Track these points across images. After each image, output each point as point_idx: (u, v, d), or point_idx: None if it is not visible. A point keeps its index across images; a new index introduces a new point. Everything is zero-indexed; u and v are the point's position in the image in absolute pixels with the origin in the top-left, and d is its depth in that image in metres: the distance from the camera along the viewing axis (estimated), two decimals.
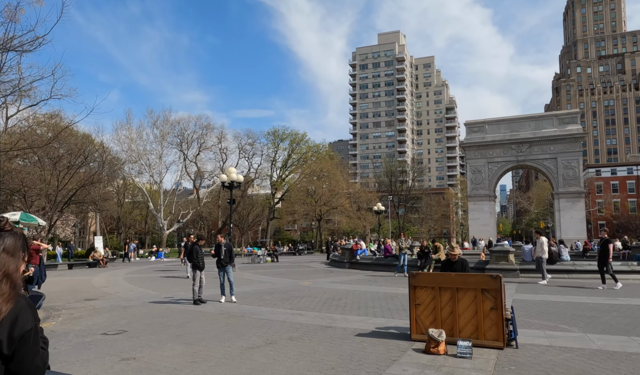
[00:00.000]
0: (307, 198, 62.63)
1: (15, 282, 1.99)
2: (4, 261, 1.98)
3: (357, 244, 24.86)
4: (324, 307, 11.07)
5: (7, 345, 1.81)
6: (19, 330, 1.84)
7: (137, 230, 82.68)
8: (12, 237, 2.05)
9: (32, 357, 1.90)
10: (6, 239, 2.02)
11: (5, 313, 1.83)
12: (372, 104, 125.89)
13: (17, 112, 32.28)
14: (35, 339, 1.91)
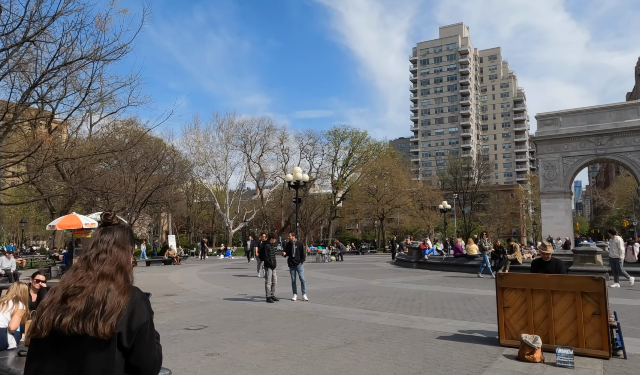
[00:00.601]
0: (368, 197, 62.02)
1: (128, 275, 1.98)
2: (117, 254, 1.98)
3: (425, 243, 24.14)
4: (398, 308, 10.77)
5: (126, 337, 1.79)
6: (137, 322, 1.82)
7: (205, 230, 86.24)
8: (120, 230, 2.04)
9: (149, 350, 1.87)
10: (115, 233, 2.01)
11: (124, 306, 1.81)
12: (434, 99, 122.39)
13: (99, 120, 34.88)
14: (151, 331, 1.88)
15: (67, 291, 1.80)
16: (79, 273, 1.87)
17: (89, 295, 1.79)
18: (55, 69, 10.62)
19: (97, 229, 2.05)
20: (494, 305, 10.75)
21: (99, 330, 1.72)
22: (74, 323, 1.72)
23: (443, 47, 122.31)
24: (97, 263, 1.88)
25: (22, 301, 5.74)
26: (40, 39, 8.75)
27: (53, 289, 1.88)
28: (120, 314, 1.77)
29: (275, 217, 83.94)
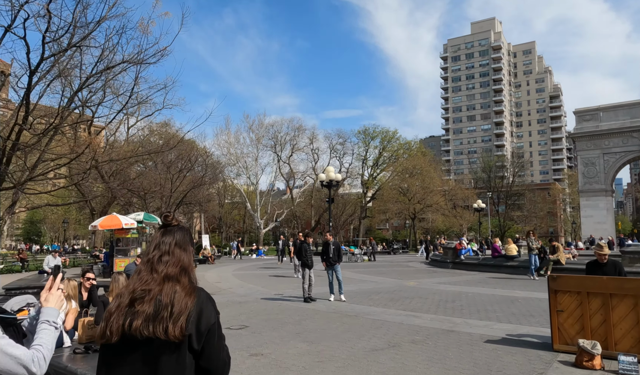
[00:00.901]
0: (399, 196, 61.32)
1: (192, 275, 1.93)
2: (179, 255, 1.93)
3: (461, 243, 23.62)
4: (439, 310, 10.52)
5: (196, 339, 1.74)
6: (205, 323, 1.76)
7: (236, 229, 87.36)
8: (181, 231, 1.99)
9: (219, 352, 1.82)
10: (176, 234, 1.96)
11: (191, 307, 1.76)
12: (466, 96, 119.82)
13: (136, 122, 35.85)
14: (219, 332, 1.83)
15: (134, 295, 1.77)
16: (144, 276, 1.83)
17: (156, 297, 1.75)
18: (98, 73, 10.90)
19: (157, 231, 2.01)
20: (539, 307, 10.39)
21: (169, 333, 1.68)
22: (145, 326, 1.69)
23: (475, 42, 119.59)
24: (160, 265, 1.84)
25: (73, 298, 5.83)
26: (85, 44, 9.01)
27: (119, 294, 1.85)
28: (189, 316, 1.73)
29: (305, 217, 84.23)
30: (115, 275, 5.75)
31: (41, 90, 10.00)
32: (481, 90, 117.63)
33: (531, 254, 16.98)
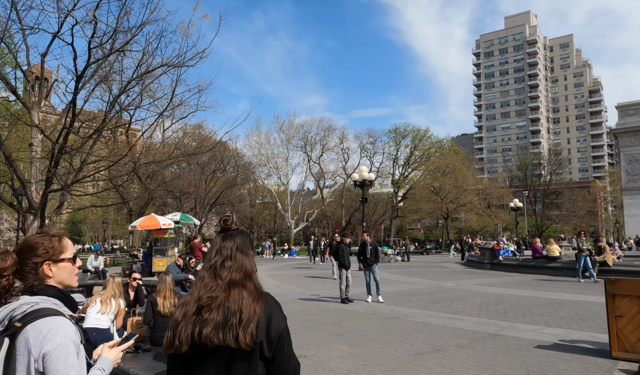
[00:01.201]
0: (432, 195, 60.32)
1: (256, 280, 1.86)
2: (241, 260, 1.86)
3: (499, 244, 22.95)
4: (482, 312, 10.20)
5: (267, 346, 1.67)
6: (275, 330, 1.69)
7: (267, 229, 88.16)
8: (241, 235, 1.92)
9: (289, 360, 1.74)
10: (237, 238, 1.89)
11: (260, 312, 1.68)
12: (500, 93, 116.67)
13: (171, 125, 36.68)
14: (288, 338, 1.76)
15: (200, 303, 1.72)
16: (208, 283, 1.78)
17: (224, 304, 1.69)
18: (137, 77, 11.12)
19: (218, 236, 1.95)
20: (589, 311, 9.93)
21: (240, 341, 1.62)
22: (214, 334, 1.64)
23: (509, 37, 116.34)
24: (224, 271, 1.78)
25: (119, 296, 5.90)
26: (127, 49, 9.21)
27: (184, 302, 1.80)
28: (258, 322, 1.67)
29: (335, 217, 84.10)
30: (162, 276, 5.81)
31: (86, 94, 10.30)
32: (516, 86, 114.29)
33: (581, 255, 16.22)
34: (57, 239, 1.87)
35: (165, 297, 5.62)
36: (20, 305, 1.75)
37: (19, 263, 1.80)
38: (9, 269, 1.77)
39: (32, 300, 1.77)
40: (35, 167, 10.30)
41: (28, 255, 1.81)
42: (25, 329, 1.65)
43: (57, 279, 1.86)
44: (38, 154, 10.30)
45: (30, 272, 1.80)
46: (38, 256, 1.82)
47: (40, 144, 10.47)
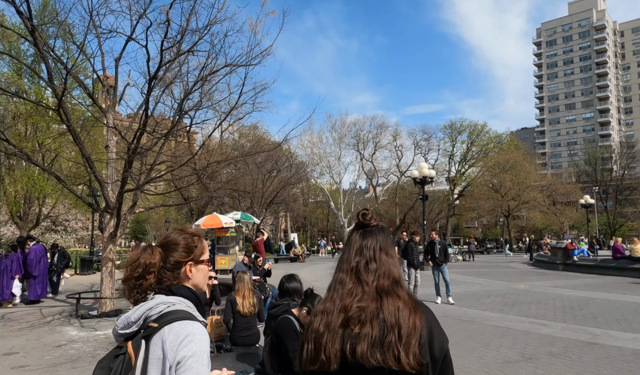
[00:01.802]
0: (491, 193, 57.84)
1: (406, 288, 1.57)
2: (386, 263, 1.56)
3: (573, 243, 21.42)
4: (568, 317, 9.40)
5: (432, 368, 1.37)
6: (439, 348, 1.39)
7: (320, 228, 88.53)
8: (383, 233, 1.61)
9: None
10: (378, 236, 1.58)
11: (420, 327, 1.38)
12: (564, 83, 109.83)
13: (228, 126, 37.60)
14: (451, 359, 1.46)
15: (348, 313, 1.44)
16: (352, 289, 1.50)
17: (377, 317, 1.41)
18: (202, 78, 11.25)
19: (355, 233, 1.67)
20: None
21: (402, 361, 1.33)
22: (372, 354, 1.36)
23: (574, 24, 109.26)
24: (369, 275, 1.50)
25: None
26: (197, 49, 9.33)
27: (323, 311, 1.53)
28: (420, 339, 1.37)
29: (389, 215, 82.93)
30: (240, 275, 5.72)
31: (157, 95, 10.56)
32: (582, 76, 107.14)
33: None
34: (198, 238, 1.74)
35: (244, 296, 5.52)
36: (156, 304, 1.61)
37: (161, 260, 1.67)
38: (156, 265, 1.65)
39: (169, 300, 1.62)
40: (112, 168, 10.71)
41: (172, 252, 1.68)
42: (162, 330, 1.51)
43: (194, 281, 1.72)
44: (114, 156, 10.70)
45: (171, 270, 1.67)
46: (182, 255, 1.68)
47: (115, 146, 10.87)
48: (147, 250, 1.65)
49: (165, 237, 1.74)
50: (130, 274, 1.62)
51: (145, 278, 1.61)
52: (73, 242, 47.12)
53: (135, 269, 1.62)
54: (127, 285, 1.64)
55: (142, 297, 1.63)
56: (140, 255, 1.63)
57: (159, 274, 1.66)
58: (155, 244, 1.73)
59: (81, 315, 10.13)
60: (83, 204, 30.08)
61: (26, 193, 26.91)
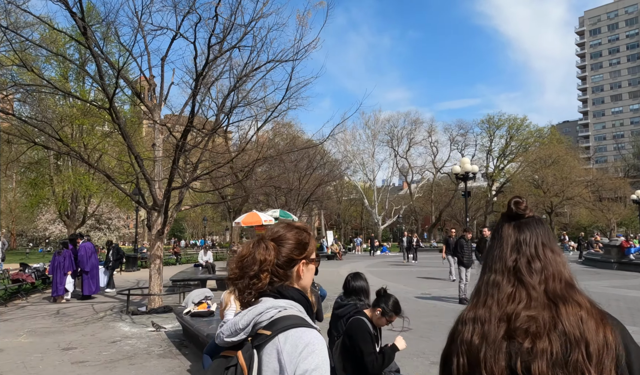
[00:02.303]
0: (532, 189, 55.82)
1: (582, 292, 1.29)
2: (553, 261, 1.26)
3: (629, 241, 20.25)
4: (637, 320, 8.78)
5: None
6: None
7: (353, 226, 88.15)
8: (542, 226, 1.34)
9: None
10: (537, 229, 1.31)
11: (613, 343, 1.11)
12: (609, 74, 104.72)
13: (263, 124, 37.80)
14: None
15: (514, 324, 1.19)
16: (512, 293, 1.24)
17: (555, 329, 1.15)
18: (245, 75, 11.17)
19: (506, 225, 1.39)
20: None
21: None
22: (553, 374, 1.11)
23: (620, 11, 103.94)
24: (533, 276, 1.24)
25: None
26: (242, 45, 9.25)
27: (476, 318, 1.25)
28: (617, 358, 1.10)
29: (424, 213, 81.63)
30: None
31: (203, 92, 10.58)
32: (629, 65, 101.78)
33: None
34: (309, 235, 1.55)
35: None
36: (266, 309, 1.41)
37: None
38: (271, 263, 1.45)
39: (279, 304, 1.43)
40: (158, 166, 10.82)
41: (284, 248, 1.48)
42: (276, 339, 1.33)
43: (303, 283, 1.52)
44: (160, 154, 10.80)
45: (284, 268, 1.47)
46: (296, 252, 1.49)
47: (162, 144, 10.98)
48: (261, 244, 1.46)
49: (274, 232, 1.55)
50: (243, 272, 1.44)
51: (259, 277, 1.43)
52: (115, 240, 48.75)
53: (249, 266, 1.43)
54: (238, 285, 1.46)
55: (255, 300, 1.44)
56: (255, 251, 1.45)
57: (272, 273, 1.48)
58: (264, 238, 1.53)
59: (132, 312, 10.29)
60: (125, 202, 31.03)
61: (73, 192, 27.92)
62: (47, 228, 41.87)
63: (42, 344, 7.48)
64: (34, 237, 55.93)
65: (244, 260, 1.43)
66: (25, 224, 51.63)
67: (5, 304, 11.78)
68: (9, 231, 54.95)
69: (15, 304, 11.87)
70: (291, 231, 1.52)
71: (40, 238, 52.73)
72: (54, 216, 37.80)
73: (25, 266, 13.98)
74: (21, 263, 14.63)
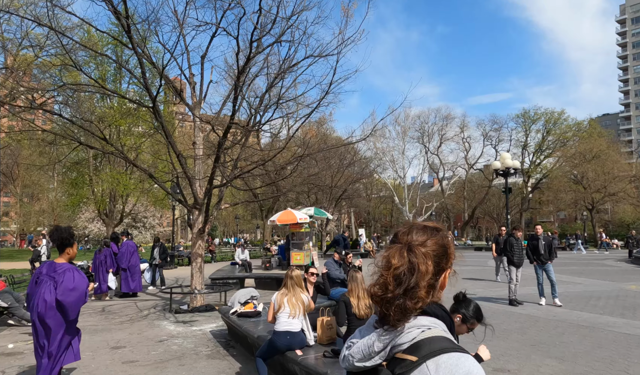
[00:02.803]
0: (572, 184, 53.67)
1: None
2: None
3: None
4: None
5: None
6: None
7: (383, 224, 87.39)
8: None
9: None
10: None
11: None
12: None
13: (295, 123, 37.72)
14: None
15: None
16: None
17: None
18: (283, 72, 10.97)
19: None
20: None
21: None
22: None
23: None
24: None
25: (303, 290, 5.45)
26: (284, 39, 9.05)
27: None
28: None
29: (455, 210, 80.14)
30: (353, 274, 5.31)
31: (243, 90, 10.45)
32: None
33: None
34: (448, 237, 1.28)
35: (359, 297, 5.09)
36: (407, 329, 1.16)
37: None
38: (431, 274, 1.20)
39: (421, 322, 1.18)
40: (199, 164, 10.79)
41: (435, 257, 1.22)
42: (424, 367, 1.09)
43: (440, 294, 1.27)
44: (200, 152, 10.77)
45: (435, 280, 1.21)
46: (444, 260, 1.23)
47: (202, 142, 10.94)
48: (418, 250, 1.20)
49: (412, 235, 1.25)
50: (396, 286, 1.16)
51: (419, 293, 1.16)
52: (150, 238, 49.85)
53: (406, 279, 1.16)
54: (385, 303, 1.18)
55: (405, 322, 1.18)
56: (413, 259, 1.18)
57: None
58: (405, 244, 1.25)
59: (175, 310, 10.30)
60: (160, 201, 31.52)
61: (111, 192, 28.62)
62: (87, 226, 43.18)
63: (92, 342, 7.52)
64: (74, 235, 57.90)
65: (398, 270, 1.17)
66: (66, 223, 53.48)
67: None
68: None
69: None
70: (433, 235, 1.24)
71: (79, 236, 54.53)
72: (93, 215, 38.95)
73: None
74: None
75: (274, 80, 11.36)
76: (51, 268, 4.55)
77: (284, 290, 5.30)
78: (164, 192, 27.30)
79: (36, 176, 46.94)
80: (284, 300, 5.19)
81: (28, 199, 60.36)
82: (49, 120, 26.98)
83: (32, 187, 55.47)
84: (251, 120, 11.64)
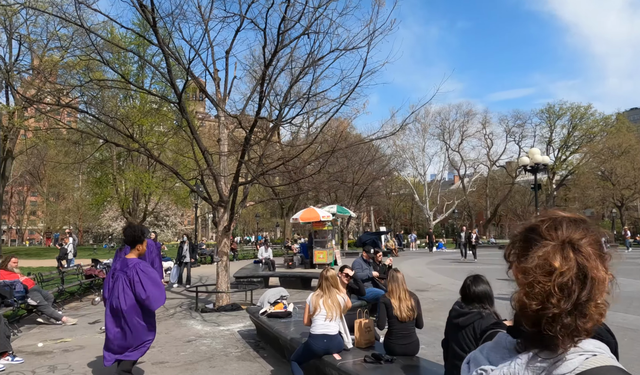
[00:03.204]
0: (600, 181, 52.08)
1: None
2: None
3: None
4: None
5: None
6: None
7: (403, 222, 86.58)
8: None
9: None
10: None
11: None
12: None
13: (315, 121, 37.56)
14: None
15: None
16: None
17: None
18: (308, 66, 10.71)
19: None
20: None
21: None
22: None
23: None
24: None
25: (340, 290, 5.20)
26: (312, 31, 8.79)
27: None
28: None
29: (477, 208, 78.66)
30: (393, 274, 5.03)
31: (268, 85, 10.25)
32: None
33: None
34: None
35: (400, 298, 4.81)
36: (569, 355, 0.89)
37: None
38: (606, 282, 0.93)
39: (584, 347, 0.90)
40: (224, 161, 10.64)
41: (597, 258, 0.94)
42: None
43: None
44: (225, 149, 10.62)
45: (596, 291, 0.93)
46: (602, 265, 0.93)
47: (227, 138, 10.79)
48: (585, 250, 0.91)
49: (565, 231, 0.96)
50: (563, 299, 0.88)
51: (589, 310, 0.88)
52: (172, 235, 50.38)
53: (576, 291, 0.88)
54: (546, 322, 0.89)
55: (571, 346, 0.89)
56: (583, 262, 0.90)
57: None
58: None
59: (201, 309, 10.17)
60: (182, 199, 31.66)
61: (134, 190, 28.88)
62: (111, 225, 43.81)
63: None
64: (99, 233, 58.94)
65: (565, 278, 0.89)
66: (90, 221, 54.48)
67: (80, 299, 12.08)
68: (77, 228, 58.27)
69: (89, 299, 12.15)
70: (590, 230, 0.96)
71: (104, 234, 55.48)
72: (117, 213, 39.47)
73: (97, 262, 14.37)
74: (93, 259, 15.07)
75: (298, 74, 11.12)
76: (124, 264, 4.71)
77: (319, 291, 5.07)
78: (186, 190, 27.51)
79: (62, 176, 47.93)
80: (320, 302, 4.95)
81: (54, 198, 61.75)
82: (73, 122, 27.38)
83: (58, 187, 56.71)
84: (273, 116, 11.46)
